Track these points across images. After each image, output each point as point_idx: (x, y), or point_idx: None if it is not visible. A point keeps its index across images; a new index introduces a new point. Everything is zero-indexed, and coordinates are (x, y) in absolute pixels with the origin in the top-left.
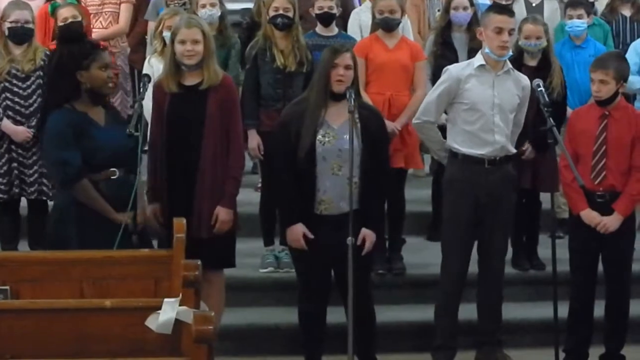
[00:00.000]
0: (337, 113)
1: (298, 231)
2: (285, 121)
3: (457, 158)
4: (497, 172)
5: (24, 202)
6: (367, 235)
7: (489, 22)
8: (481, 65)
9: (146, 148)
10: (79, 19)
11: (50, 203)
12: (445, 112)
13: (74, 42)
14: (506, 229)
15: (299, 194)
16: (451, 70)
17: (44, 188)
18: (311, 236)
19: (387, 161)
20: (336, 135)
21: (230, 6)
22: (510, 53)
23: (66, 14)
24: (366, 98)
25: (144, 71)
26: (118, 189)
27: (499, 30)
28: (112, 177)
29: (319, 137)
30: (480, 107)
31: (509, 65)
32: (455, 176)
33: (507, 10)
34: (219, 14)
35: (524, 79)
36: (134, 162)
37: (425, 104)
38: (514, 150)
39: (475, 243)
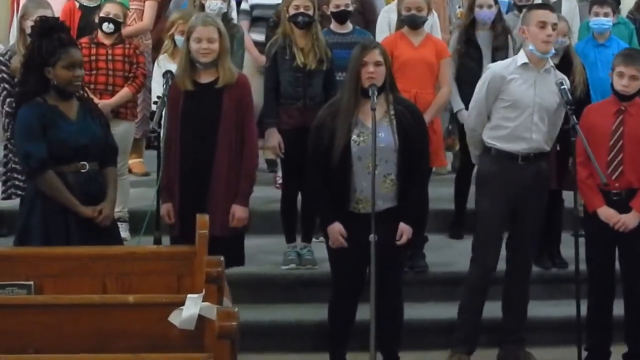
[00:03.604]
0: (370, 111)
1: (336, 230)
2: (319, 123)
3: (490, 153)
4: (530, 168)
5: None
6: (405, 230)
7: (530, 18)
8: (524, 64)
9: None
10: (120, 19)
11: None
12: None
13: (46, 36)
14: (536, 227)
15: (335, 193)
16: (494, 68)
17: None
18: (346, 235)
19: (427, 155)
20: (370, 134)
21: (264, 1)
22: (554, 50)
23: (109, 9)
24: None
25: (154, 71)
26: (87, 182)
27: (543, 25)
28: (81, 171)
29: (354, 137)
30: (521, 105)
31: (551, 63)
32: (488, 171)
33: (548, 6)
34: (226, 9)
35: (564, 78)
36: (110, 155)
37: (475, 104)
38: (549, 148)
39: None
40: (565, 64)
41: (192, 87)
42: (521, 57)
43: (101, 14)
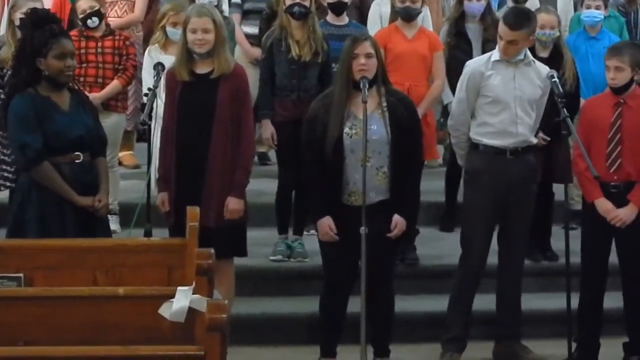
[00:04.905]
0: (362, 104)
1: (325, 224)
2: (312, 115)
3: (478, 149)
4: (519, 162)
5: None
6: (399, 221)
7: (499, 25)
8: (500, 60)
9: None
10: (97, 7)
11: None
12: None
13: (38, 27)
14: (527, 221)
15: (328, 186)
16: (471, 65)
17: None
18: (335, 231)
19: (420, 147)
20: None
21: None
22: (519, 58)
23: (84, 6)
24: None
25: (144, 62)
26: (82, 173)
27: (500, 38)
28: (76, 161)
29: (346, 129)
30: (503, 100)
31: (530, 57)
32: (477, 167)
33: (515, 23)
34: (216, 2)
35: (546, 70)
36: (99, 147)
37: (457, 104)
38: (535, 141)
39: (495, 235)
40: (556, 57)
41: (188, 77)
42: (496, 54)
43: (80, 16)
